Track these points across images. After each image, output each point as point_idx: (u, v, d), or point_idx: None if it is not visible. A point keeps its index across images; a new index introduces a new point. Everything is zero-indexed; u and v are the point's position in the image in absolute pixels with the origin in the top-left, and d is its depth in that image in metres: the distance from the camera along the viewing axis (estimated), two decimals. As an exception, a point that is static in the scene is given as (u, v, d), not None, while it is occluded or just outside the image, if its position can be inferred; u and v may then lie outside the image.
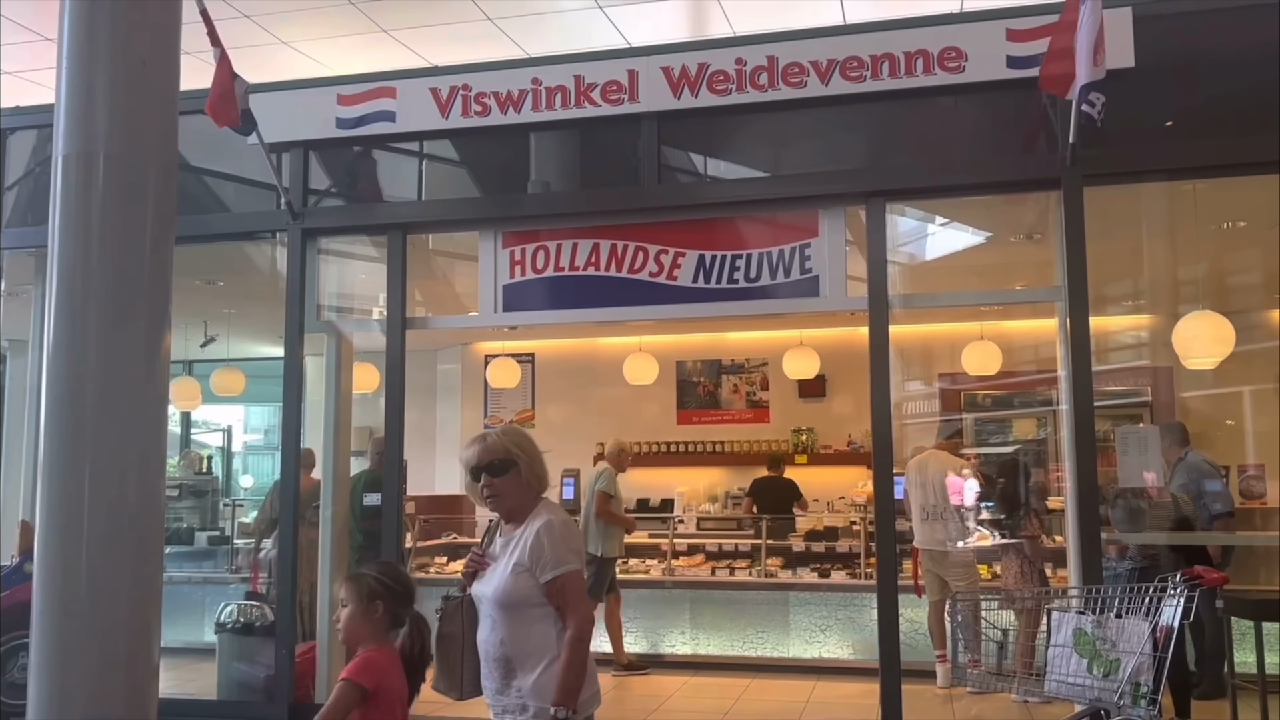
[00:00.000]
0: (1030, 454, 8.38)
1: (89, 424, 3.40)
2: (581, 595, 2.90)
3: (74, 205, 3.47)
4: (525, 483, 2.99)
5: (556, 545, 2.87)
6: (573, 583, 2.87)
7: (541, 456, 3.06)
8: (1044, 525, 6.82)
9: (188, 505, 9.54)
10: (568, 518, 3.02)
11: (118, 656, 3.34)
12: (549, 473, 3.09)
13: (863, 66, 5.57)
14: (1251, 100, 5.33)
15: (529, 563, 2.87)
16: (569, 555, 2.87)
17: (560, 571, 2.85)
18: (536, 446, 3.06)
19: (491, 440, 3.01)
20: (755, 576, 7.94)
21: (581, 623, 2.85)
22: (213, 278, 8.26)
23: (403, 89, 6.20)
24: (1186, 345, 6.35)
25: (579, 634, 2.83)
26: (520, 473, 2.98)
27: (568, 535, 2.93)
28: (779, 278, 5.81)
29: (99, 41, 3.56)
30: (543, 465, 3.05)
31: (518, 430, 3.11)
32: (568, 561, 2.86)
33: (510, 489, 2.98)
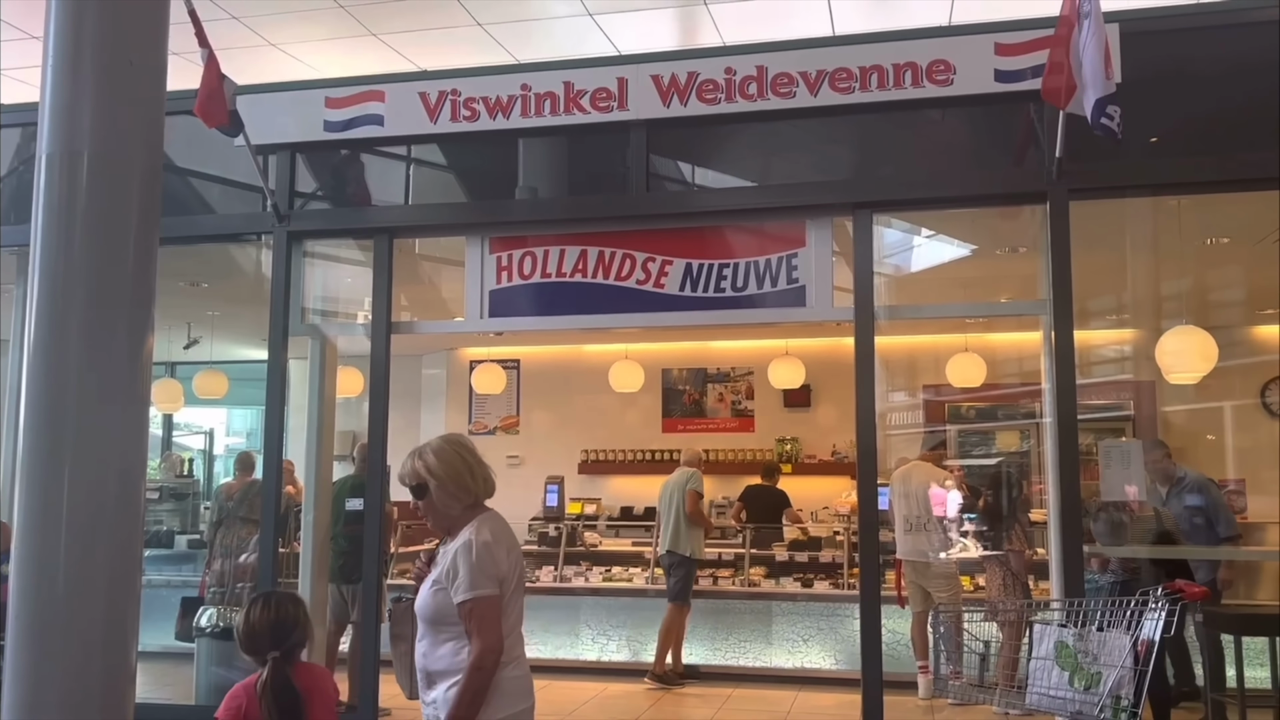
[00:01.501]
0: (1014, 466, 8.42)
1: (69, 425, 3.36)
2: (489, 623, 2.82)
3: (57, 204, 3.44)
4: (444, 502, 2.96)
5: (471, 568, 2.83)
6: (481, 608, 2.81)
7: (470, 468, 2.98)
8: (1028, 538, 6.85)
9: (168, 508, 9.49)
10: (498, 535, 2.92)
11: (94, 660, 3.31)
12: (491, 478, 3.04)
13: (852, 78, 5.59)
14: (1237, 117, 5.38)
15: (445, 581, 2.87)
16: (483, 580, 2.82)
17: (471, 596, 2.81)
18: (461, 458, 2.99)
19: (408, 465, 3.02)
20: (739, 586, 7.94)
21: (484, 652, 2.79)
22: (197, 279, 8.21)
23: (391, 93, 6.19)
24: (1169, 360, 6.39)
25: (479, 663, 2.78)
26: (433, 494, 2.96)
27: (486, 557, 2.85)
28: (766, 287, 5.82)
29: (85, 40, 3.54)
30: (469, 478, 2.98)
31: (437, 447, 3.02)
32: (480, 586, 2.81)
33: (430, 509, 2.99)
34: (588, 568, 8.30)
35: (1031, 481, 8.49)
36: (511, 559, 2.93)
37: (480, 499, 3.01)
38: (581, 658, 7.83)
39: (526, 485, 9.92)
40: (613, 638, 7.85)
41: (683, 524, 7.58)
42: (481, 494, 3.01)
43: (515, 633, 2.96)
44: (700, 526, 7.73)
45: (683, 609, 7.48)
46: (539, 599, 8.02)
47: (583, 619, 7.94)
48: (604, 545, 8.81)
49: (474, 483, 2.99)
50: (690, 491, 7.65)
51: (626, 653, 7.82)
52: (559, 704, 6.90)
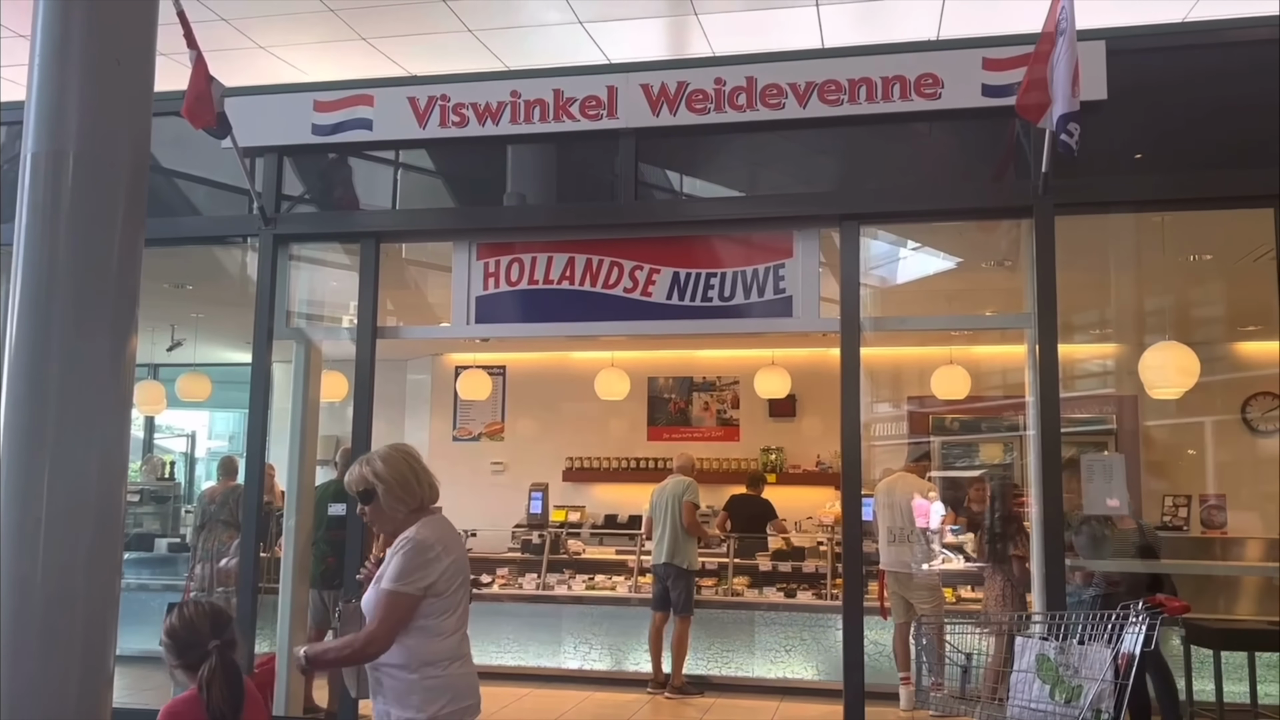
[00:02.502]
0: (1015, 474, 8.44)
1: (50, 426, 3.34)
2: (392, 617, 2.92)
3: (42, 204, 3.42)
4: (391, 506, 3.09)
5: (401, 565, 2.96)
6: (391, 600, 2.93)
7: (416, 474, 3.12)
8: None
9: (148, 511, 9.42)
10: (438, 537, 3.04)
11: (72, 663, 3.27)
12: (435, 484, 3.17)
13: (840, 90, 5.61)
14: (1221, 135, 5.43)
15: (383, 577, 2.99)
16: (408, 577, 2.94)
17: (391, 586, 2.93)
18: (408, 465, 3.13)
19: (354, 472, 3.14)
20: (722, 595, 7.94)
21: (372, 639, 2.91)
22: (181, 281, 8.17)
23: (380, 97, 6.18)
24: (1152, 375, 6.43)
25: (363, 646, 2.92)
26: (379, 500, 3.08)
27: (419, 559, 2.96)
28: (753, 297, 5.83)
29: (73, 39, 3.52)
30: (415, 484, 3.11)
31: (385, 454, 3.15)
32: (402, 581, 2.93)
33: (376, 514, 3.12)
34: (571, 575, 8.28)
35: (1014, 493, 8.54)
36: (452, 561, 3.04)
37: (425, 504, 3.14)
38: (564, 666, 7.81)
39: (511, 492, 9.91)
40: (595, 646, 7.83)
41: (680, 535, 7.55)
42: (426, 499, 3.14)
43: (460, 632, 3.08)
44: (696, 537, 7.71)
45: (689, 620, 7.46)
46: (521, 606, 8.01)
47: (565, 627, 7.92)
48: (587, 553, 8.79)
49: (419, 488, 3.13)
50: (687, 503, 7.62)
51: (609, 661, 7.80)
52: (541, 712, 6.88)
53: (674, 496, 7.68)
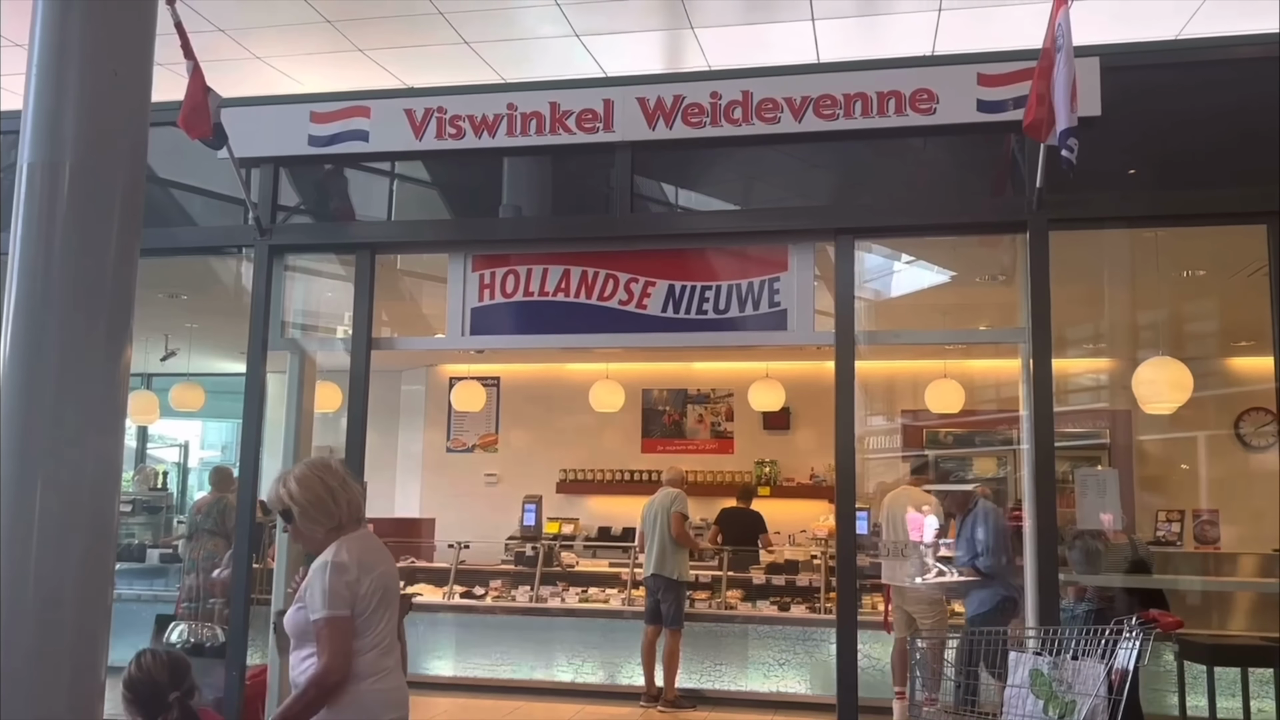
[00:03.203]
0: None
1: (43, 435, 3.32)
2: (334, 643, 2.91)
3: (37, 214, 3.41)
4: (307, 526, 3.09)
5: (324, 589, 2.95)
6: (329, 629, 2.92)
7: (332, 493, 3.09)
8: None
9: (140, 521, 9.39)
10: (357, 556, 3.02)
11: (62, 675, 3.25)
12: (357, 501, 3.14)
13: (836, 105, 5.64)
14: (1216, 152, 5.46)
15: (304, 600, 2.99)
16: (334, 600, 2.93)
17: (322, 615, 2.93)
18: (324, 485, 3.10)
19: (272, 491, 3.14)
20: (715, 608, 7.92)
21: (325, 671, 2.89)
22: (176, 291, 8.16)
23: (377, 109, 6.19)
24: (1145, 390, 6.45)
25: (319, 680, 2.89)
26: (296, 519, 3.09)
27: (338, 579, 2.95)
28: (748, 310, 5.84)
29: (70, 49, 3.52)
30: (330, 503, 3.08)
31: (300, 474, 3.13)
32: (330, 607, 2.93)
33: (297, 532, 3.13)
34: (564, 588, 8.26)
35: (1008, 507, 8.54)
36: (373, 579, 3.02)
37: (344, 522, 3.11)
38: (557, 679, 7.79)
39: (504, 504, 9.90)
40: (589, 659, 7.81)
41: (669, 547, 7.55)
42: (345, 517, 3.11)
43: (380, 647, 3.05)
44: (686, 549, 7.71)
45: (679, 633, 7.45)
46: (514, 619, 7.99)
47: (558, 640, 7.90)
48: (581, 565, 8.78)
49: (336, 507, 3.09)
50: (675, 514, 7.63)
51: (602, 674, 7.78)
52: (533, 725, 6.85)
53: (663, 508, 7.69)
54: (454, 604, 8.10)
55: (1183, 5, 5.21)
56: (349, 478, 3.17)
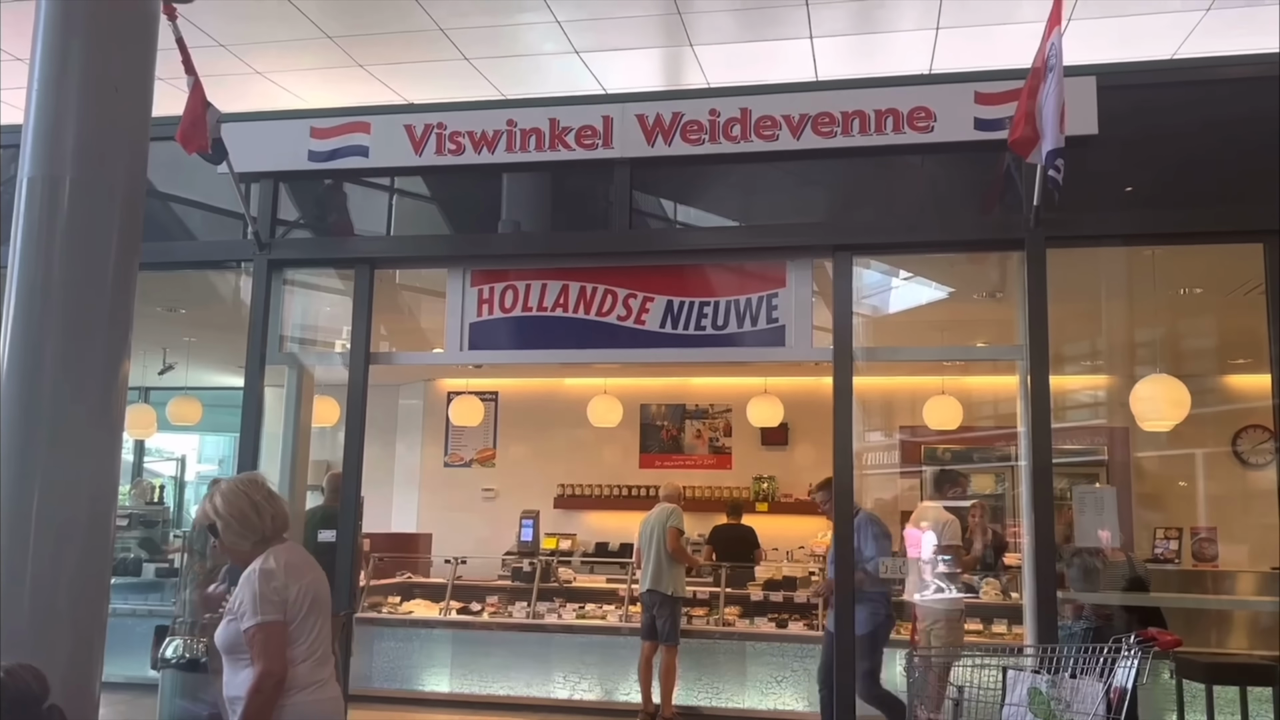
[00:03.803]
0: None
1: (41, 448, 3.33)
2: (269, 649, 2.94)
3: (37, 228, 3.42)
4: (231, 540, 3.12)
5: (254, 595, 2.96)
6: (262, 634, 2.94)
7: (256, 507, 3.12)
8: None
9: (137, 535, 9.35)
10: (284, 564, 3.05)
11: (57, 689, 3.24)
12: (282, 515, 3.18)
13: (834, 122, 5.66)
14: (1212, 170, 5.48)
15: (235, 611, 3.01)
16: (265, 606, 2.95)
17: (254, 622, 2.94)
18: (249, 500, 3.13)
19: (201, 506, 3.18)
20: (713, 625, 7.89)
21: (264, 675, 2.92)
22: (175, 305, 8.16)
23: (377, 124, 6.21)
24: (1143, 407, 6.45)
25: (258, 685, 2.92)
26: (220, 533, 3.12)
27: (267, 584, 2.98)
28: (746, 326, 5.85)
29: (72, 64, 3.54)
30: (254, 517, 3.11)
31: (226, 489, 3.17)
32: (262, 613, 2.95)
33: (224, 547, 3.17)
34: (561, 604, 8.23)
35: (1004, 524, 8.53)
36: (301, 587, 3.05)
37: (268, 536, 3.14)
38: (553, 696, 7.74)
39: (501, 519, 9.87)
40: (585, 676, 7.77)
41: (664, 562, 7.53)
42: (269, 531, 3.14)
43: (314, 658, 3.07)
44: (682, 564, 7.69)
45: (675, 649, 7.42)
46: (511, 635, 7.95)
47: (555, 656, 7.86)
48: (578, 581, 8.74)
49: (260, 521, 3.13)
50: (671, 529, 7.61)
51: (599, 691, 7.74)
52: (529, 742, 6.81)
53: (659, 523, 7.67)
54: (450, 620, 8.07)
55: (1178, 25, 5.24)
56: (275, 493, 3.23)
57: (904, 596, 7.04)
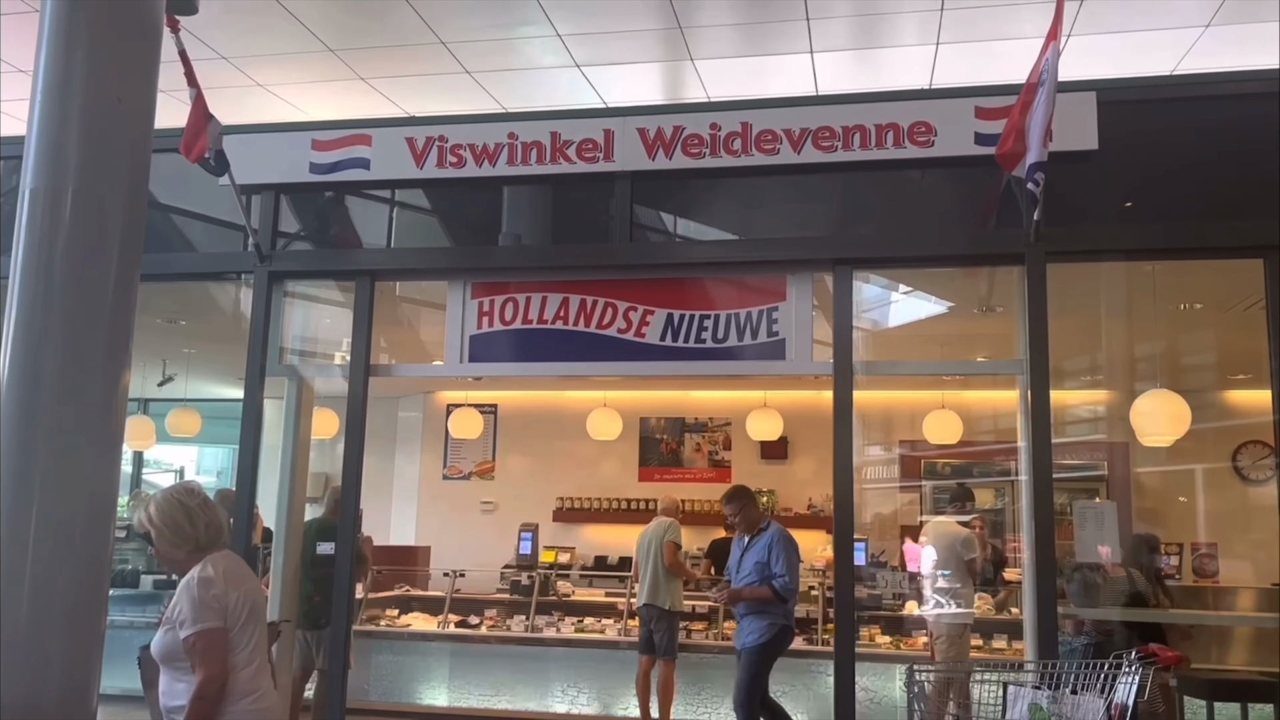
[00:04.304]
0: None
1: (41, 459, 3.32)
2: (210, 655, 2.96)
3: (39, 239, 3.43)
4: (165, 549, 3.15)
5: (192, 603, 2.99)
6: (203, 641, 2.96)
7: (190, 517, 3.13)
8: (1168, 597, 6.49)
9: (134, 547, 9.32)
10: (221, 572, 3.07)
11: (54, 701, 3.23)
12: (217, 524, 3.19)
13: (834, 136, 5.67)
14: (1212, 186, 5.50)
15: (173, 619, 3.03)
16: (205, 613, 2.98)
17: (194, 630, 2.97)
18: (182, 509, 3.14)
19: (137, 514, 3.21)
20: (712, 639, 7.87)
21: (205, 681, 2.94)
22: (175, 316, 8.17)
23: (378, 137, 6.22)
24: (1143, 422, 6.45)
25: (200, 692, 2.93)
26: (155, 542, 3.15)
27: (205, 592, 3.00)
28: (746, 339, 5.85)
29: (75, 76, 3.55)
30: (188, 526, 3.13)
31: (161, 498, 3.19)
32: (201, 620, 2.97)
33: (159, 554, 3.20)
34: (560, 618, 8.20)
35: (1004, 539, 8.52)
36: (239, 595, 3.07)
37: (202, 545, 3.15)
38: (551, 710, 7.71)
39: (500, 532, 9.85)
40: (584, 690, 7.74)
41: (662, 576, 7.51)
42: (203, 540, 3.16)
43: (251, 667, 3.08)
44: (679, 578, 7.67)
45: (673, 663, 7.39)
46: (509, 649, 7.92)
47: (553, 670, 7.83)
48: (577, 595, 8.72)
49: (193, 529, 3.15)
50: (668, 543, 7.60)
51: (597, 705, 7.70)
52: (527, 757, 6.77)
53: (656, 537, 7.66)
54: (449, 633, 8.05)
55: (1177, 41, 5.26)
56: (210, 502, 3.23)
57: (919, 611, 7.02)
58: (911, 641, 7.54)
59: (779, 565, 6.00)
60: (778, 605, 6.05)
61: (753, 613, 6.08)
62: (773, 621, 6.03)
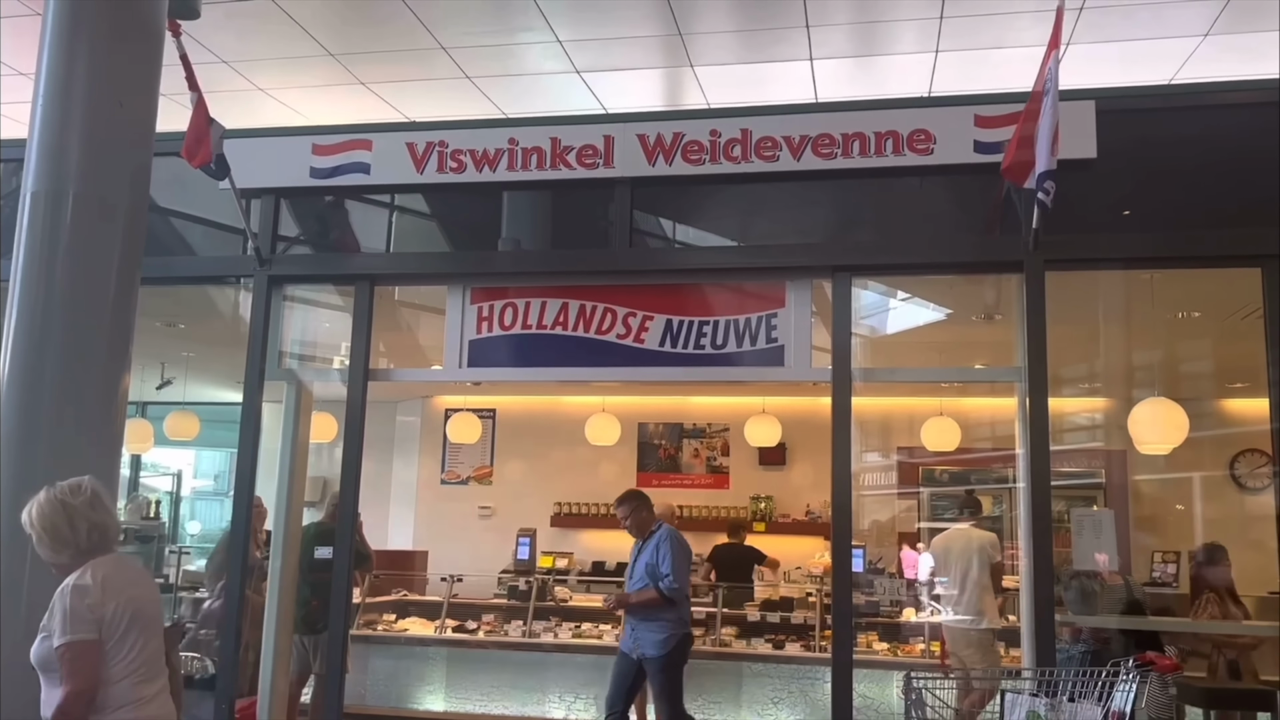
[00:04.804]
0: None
1: (41, 460, 3.33)
2: (78, 667, 2.85)
3: (40, 242, 3.44)
4: (45, 553, 3.03)
5: (64, 613, 2.88)
6: (72, 653, 2.85)
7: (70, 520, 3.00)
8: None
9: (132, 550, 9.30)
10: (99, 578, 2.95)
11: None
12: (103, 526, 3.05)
13: (834, 144, 5.68)
14: (1210, 195, 5.51)
15: (47, 627, 2.92)
16: (76, 624, 2.87)
17: (64, 640, 2.86)
18: (63, 512, 3.01)
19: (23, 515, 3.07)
20: (710, 645, 7.86)
21: (69, 695, 2.83)
22: (174, 320, 8.16)
23: (378, 142, 6.23)
24: (1141, 430, 6.45)
25: (64, 707, 2.83)
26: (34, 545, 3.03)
27: (79, 601, 2.89)
28: (745, 346, 5.85)
29: (76, 80, 3.56)
30: (67, 530, 2.99)
31: (43, 499, 3.05)
32: (73, 631, 2.86)
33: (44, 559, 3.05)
34: (557, 623, 8.20)
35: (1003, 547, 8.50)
36: (117, 605, 2.95)
37: (84, 550, 3.02)
38: (549, 716, 7.71)
39: (498, 537, 9.85)
40: (581, 696, 7.73)
41: None
42: (86, 545, 3.02)
43: (133, 676, 2.97)
44: None
45: None
46: (507, 654, 7.92)
47: (551, 676, 7.82)
48: (574, 600, 8.71)
49: (74, 534, 3.00)
50: None
51: (594, 711, 7.70)
52: (524, 762, 6.76)
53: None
54: (446, 638, 8.04)
55: (1176, 50, 5.28)
56: (101, 503, 3.07)
57: (941, 619, 6.99)
58: (909, 648, 7.53)
59: (665, 565, 5.92)
60: (670, 610, 5.94)
61: (647, 619, 5.97)
62: (671, 633, 5.95)
